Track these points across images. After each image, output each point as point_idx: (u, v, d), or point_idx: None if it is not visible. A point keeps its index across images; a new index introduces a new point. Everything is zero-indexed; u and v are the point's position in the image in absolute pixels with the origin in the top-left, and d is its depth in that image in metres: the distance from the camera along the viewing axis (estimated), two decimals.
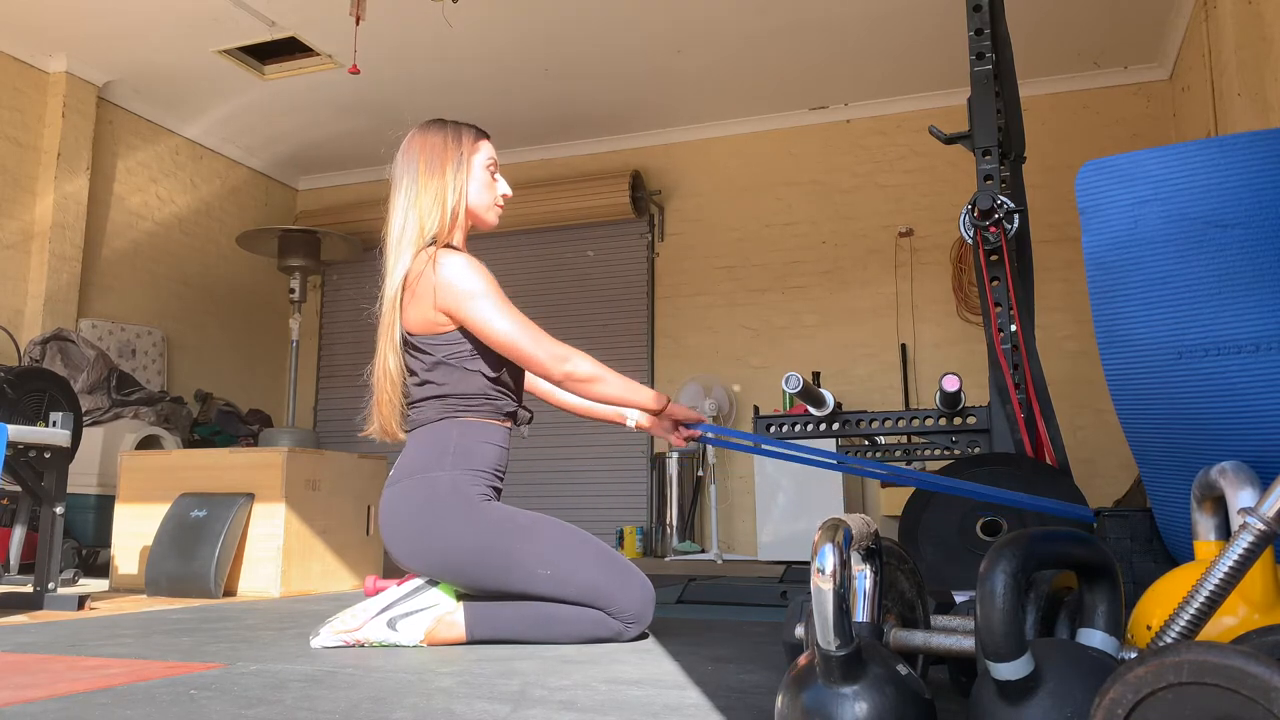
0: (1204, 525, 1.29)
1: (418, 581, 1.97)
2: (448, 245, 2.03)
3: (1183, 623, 0.97)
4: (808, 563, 0.98)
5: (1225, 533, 1.28)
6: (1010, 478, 2.39)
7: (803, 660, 0.98)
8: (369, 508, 3.64)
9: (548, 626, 1.91)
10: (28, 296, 4.95)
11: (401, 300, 2.01)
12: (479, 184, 2.11)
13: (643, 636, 1.97)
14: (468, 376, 2.00)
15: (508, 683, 1.45)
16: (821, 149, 5.84)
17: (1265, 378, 1.34)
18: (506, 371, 2.06)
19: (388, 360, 2.02)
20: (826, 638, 0.91)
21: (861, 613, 1.06)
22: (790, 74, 5.40)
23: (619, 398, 2.04)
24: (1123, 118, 5.27)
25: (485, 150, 2.14)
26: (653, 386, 5.82)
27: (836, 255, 5.72)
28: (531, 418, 2.15)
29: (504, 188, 2.18)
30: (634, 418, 2.17)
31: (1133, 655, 0.97)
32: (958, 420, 2.85)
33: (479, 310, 1.96)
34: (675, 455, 5.49)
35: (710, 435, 2.15)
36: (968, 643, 1.07)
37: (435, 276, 1.96)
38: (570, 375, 1.97)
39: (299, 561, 3.28)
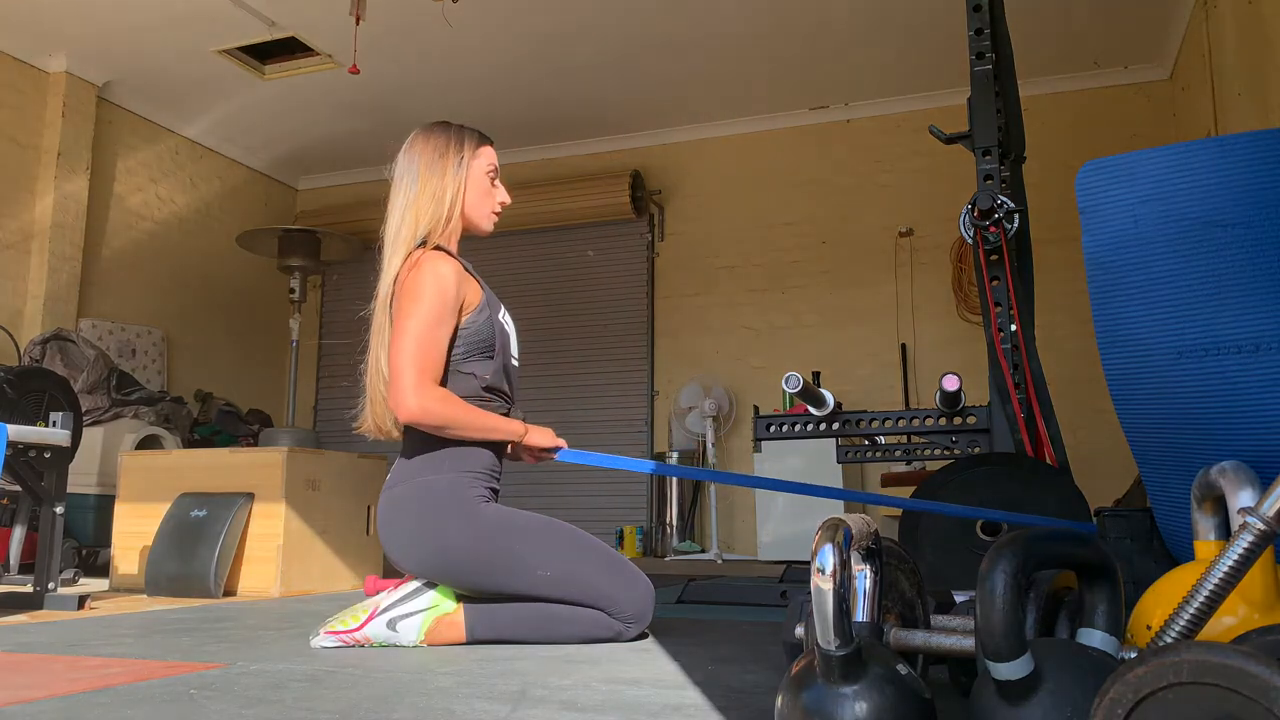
0: (1204, 525, 1.29)
1: (418, 582, 1.97)
2: (438, 247, 2.03)
3: (1183, 623, 0.97)
4: (808, 563, 0.98)
5: (1225, 533, 1.28)
6: (1010, 477, 2.39)
7: (802, 660, 0.98)
8: (369, 508, 3.64)
9: (548, 626, 1.91)
10: (28, 296, 4.95)
11: (393, 302, 2.00)
12: (478, 189, 2.11)
13: (643, 636, 1.97)
14: (462, 379, 2.00)
15: (508, 683, 1.45)
16: (821, 149, 5.84)
17: (1265, 378, 1.34)
18: (500, 374, 2.06)
19: (380, 360, 2.02)
20: (826, 638, 0.91)
21: (861, 613, 1.06)
22: (790, 74, 5.40)
23: (485, 438, 1.99)
24: (1123, 118, 5.27)
25: (487, 156, 2.14)
26: (653, 387, 5.88)
27: (836, 255, 5.72)
28: (525, 419, 2.14)
29: (503, 195, 2.18)
30: None
31: (1133, 655, 0.97)
32: (958, 420, 2.85)
33: (404, 311, 1.93)
34: (675, 455, 5.49)
35: (568, 458, 2.11)
36: (968, 643, 1.07)
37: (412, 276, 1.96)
38: (417, 420, 1.90)
39: (299, 561, 3.28)
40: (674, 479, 5.48)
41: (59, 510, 2.73)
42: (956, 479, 2.41)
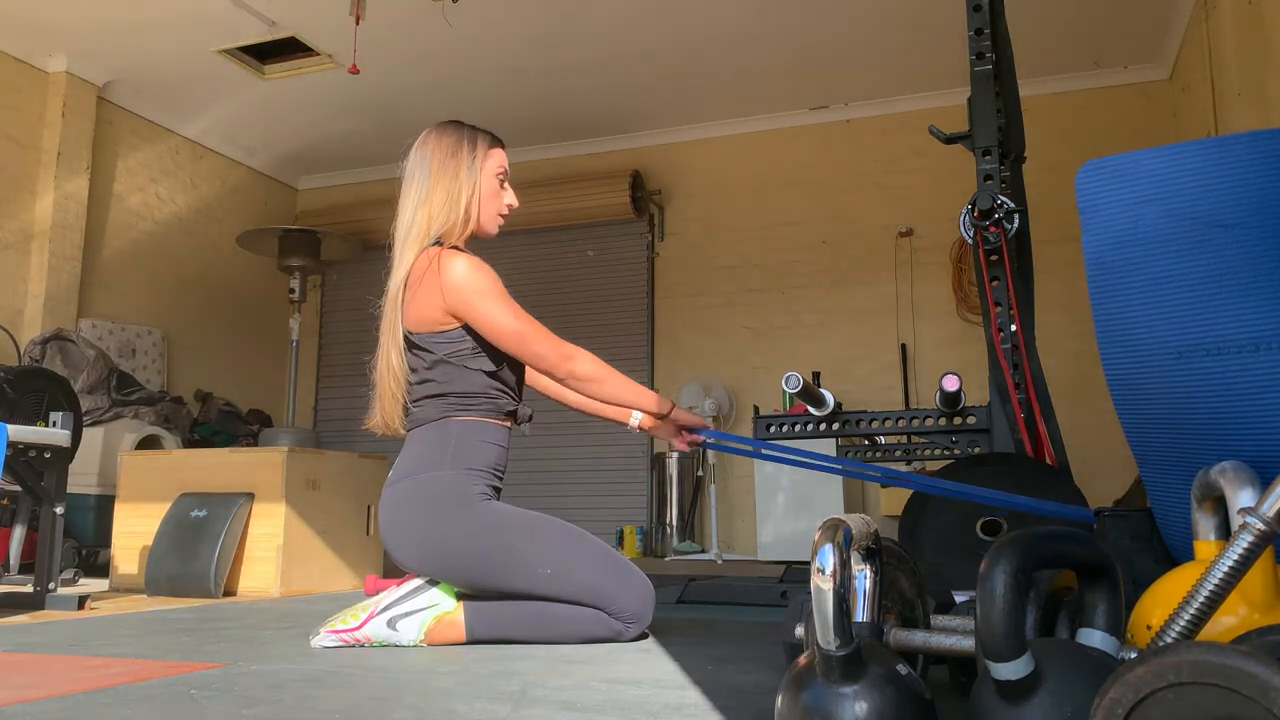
0: (1204, 525, 1.29)
1: (418, 581, 1.97)
2: (452, 247, 2.04)
3: (1183, 623, 0.97)
4: (808, 563, 0.98)
5: (1225, 533, 1.28)
6: (1010, 478, 2.39)
7: (803, 660, 0.98)
8: (369, 507, 3.64)
9: (548, 626, 1.91)
10: (28, 296, 4.95)
11: (403, 299, 2.01)
12: (487, 192, 2.12)
13: (643, 636, 1.97)
14: (468, 375, 2.00)
15: (508, 683, 1.45)
16: (821, 149, 5.84)
17: (1265, 378, 1.34)
18: (507, 369, 2.06)
19: (390, 356, 2.03)
20: (826, 638, 0.91)
21: (861, 613, 1.06)
22: (790, 74, 5.40)
23: (622, 399, 2.06)
24: (1123, 118, 5.26)
25: (497, 158, 2.14)
26: (653, 387, 5.87)
27: (836, 255, 5.72)
28: (531, 416, 2.15)
29: (511, 198, 2.18)
30: (637, 419, 2.19)
31: (1133, 655, 0.97)
32: (958, 420, 2.84)
33: (488, 309, 1.97)
34: (675, 455, 5.49)
35: (711, 440, 2.17)
36: (968, 643, 1.07)
37: (442, 278, 1.97)
38: (574, 373, 2.00)
39: (299, 561, 3.28)
40: (673, 478, 5.48)
41: (59, 510, 2.73)
42: (956, 479, 2.41)
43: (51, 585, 2.70)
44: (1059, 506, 1.78)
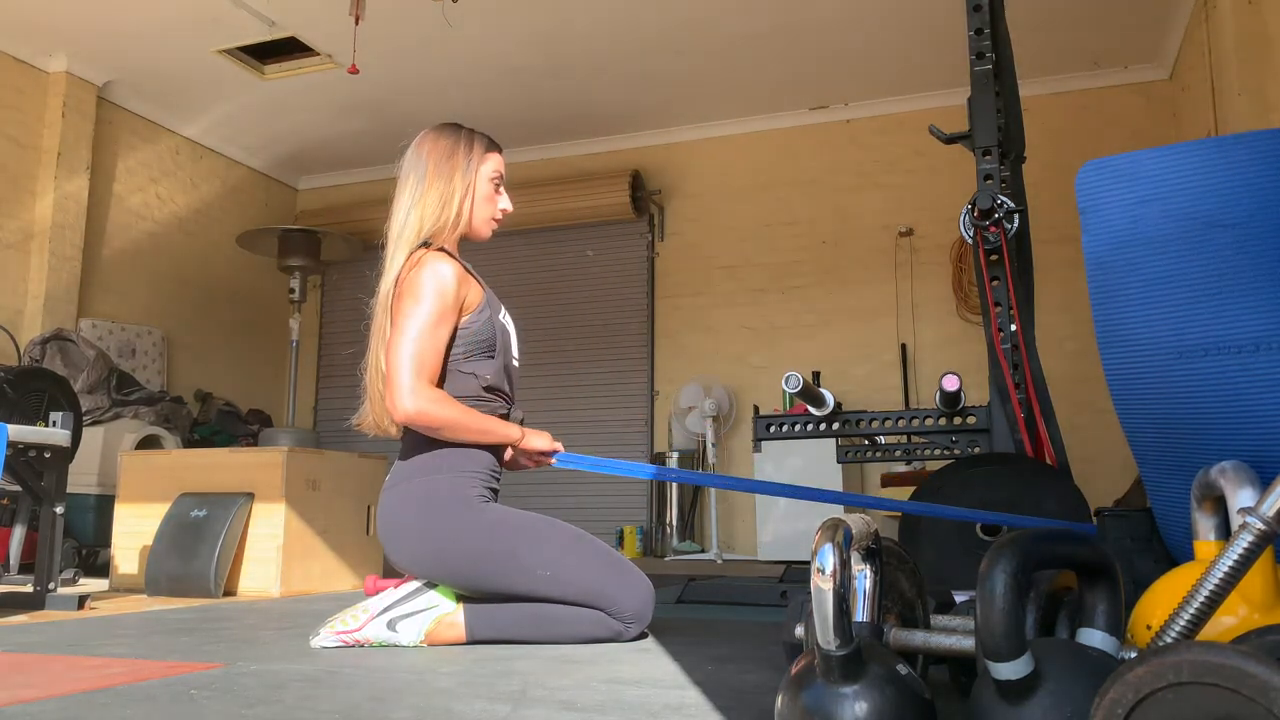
0: (1204, 525, 1.29)
1: (417, 582, 1.97)
2: (440, 249, 2.03)
3: (1183, 623, 0.98)
4: (808, 563, 0.98)
5: (1225, 533, 1.28)
6: (1010, 478, 2.39)
7: (802, 660, 0.98)
8: (369, 508, 3.64)
9: (548, 626, 1.91)
10: (28, 296, 4.95)
11: (393, 301, 2.00)
12: (481, 196, 2.11)
13: (643, 636, 1.97)
14: (462, 379, 2.00)
15: (508, 683, 1.45)
16: (821, 149, 5.84)
17: (1265, 378, 1.34)
18: (502, 374, 2.06)
19: (379, 360, 2.02)
20: (826, 638, 0.91)
21: (861, 613, 1.06)
22: (790, 74, 5.40)
23: (488, 439, 1.99)
24: (1123, 118, 5.26)
25: (493, 163, 2.13)
26: (653, 387, 5.88)
27: (836, 255, 5.72)
28: (524, 419, 2.14)
29: (505, 203, 2.17)
30: None
31: (1133, 655, 0.97)
32: (958, 420, 2.85)
33: (404, 310, 1.94)
34: (675, 455, 5.49)
35: (569, 463, 2.15)
36: (968, 643, 1.07)
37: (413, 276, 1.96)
38: (413, 421, 1.90)
39: (299, 561, 3.28)
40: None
41: (59, 510, 2.73)
42: (956, 479, 2.41)
43: (51, 585, 2.70)
44: (1059, 524, 1.78)
